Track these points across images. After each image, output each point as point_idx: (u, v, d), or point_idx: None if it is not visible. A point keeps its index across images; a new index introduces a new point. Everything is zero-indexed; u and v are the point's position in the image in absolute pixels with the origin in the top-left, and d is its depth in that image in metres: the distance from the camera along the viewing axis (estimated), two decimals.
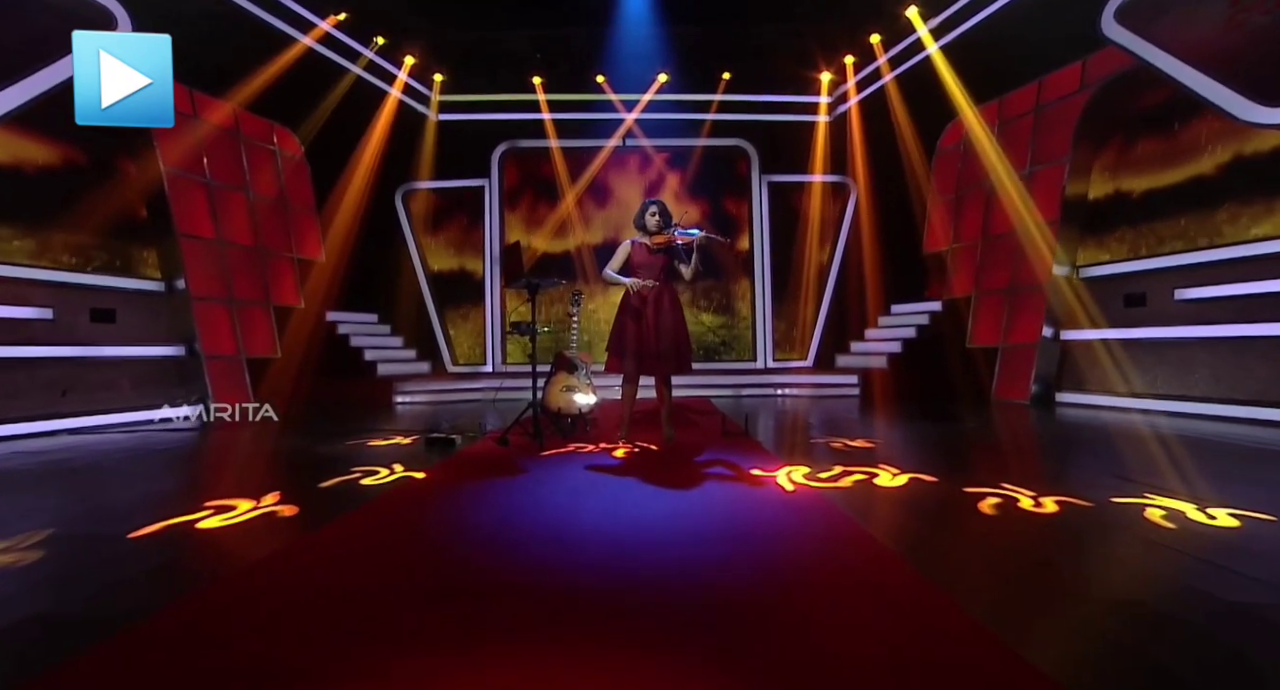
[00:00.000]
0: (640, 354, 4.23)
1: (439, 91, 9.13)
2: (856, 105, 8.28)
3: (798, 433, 4.99)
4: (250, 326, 6.96)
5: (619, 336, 4.27)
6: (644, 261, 4.30)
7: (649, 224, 4.33)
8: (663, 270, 4.33)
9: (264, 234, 7.23)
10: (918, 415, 5.91)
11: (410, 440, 4.70)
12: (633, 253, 4.34)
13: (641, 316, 4.24)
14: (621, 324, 4.28)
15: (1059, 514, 2.48)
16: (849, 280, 9.29)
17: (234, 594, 1.80)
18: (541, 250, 9.46)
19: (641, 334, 4.23)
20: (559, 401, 4.98)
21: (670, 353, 4.24)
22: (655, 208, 4.35)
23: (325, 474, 3.40)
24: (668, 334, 4.24)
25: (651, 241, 4.33)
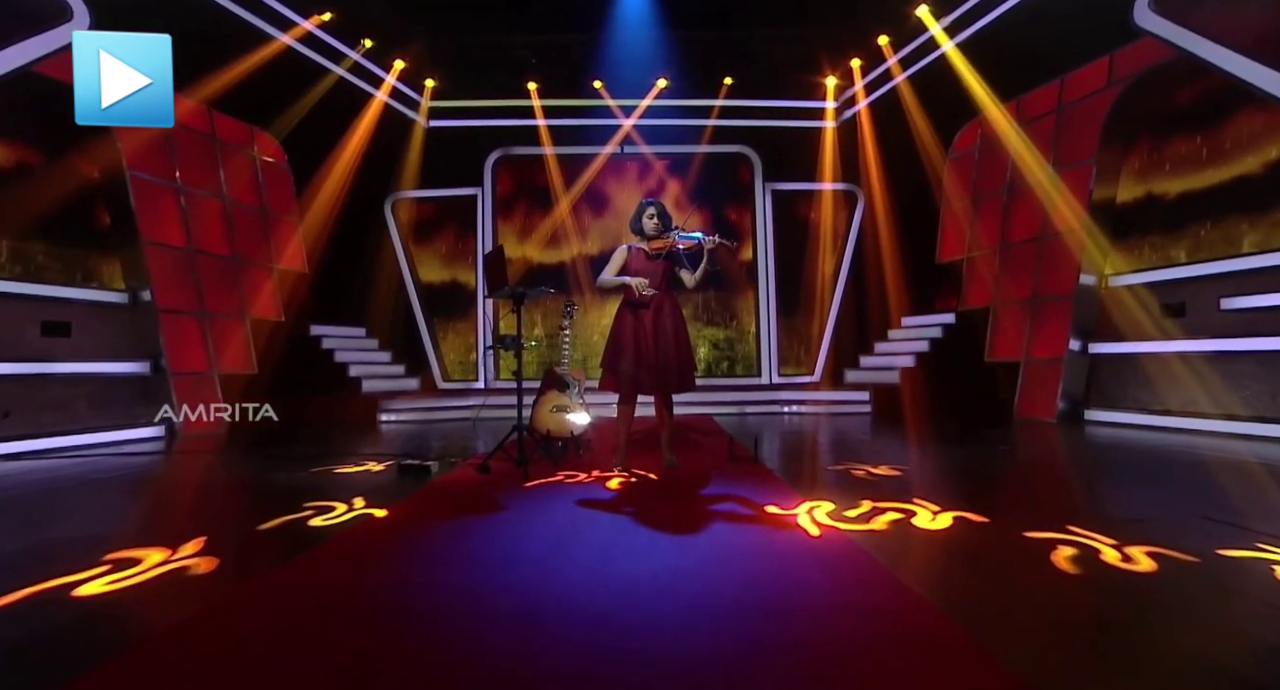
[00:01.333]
0: (638, 370, 3.74)
1: (430, 97, 8.73)
2: (866, 109, 7.86)
3: (813, 458, 4.48)
4: (224, 341, 6.48)
5: (615, 351, 3.79)
6: (642, 268, 3.83)
7: (647, 227, 3.86)
8: (663, 278, 3.85)
9: (241, 243, 6.78)
10: (940, 436, 5.39)
11: (384, 466, 4.19)
12: (630, 259, 3.87)
13: (640, 329, 3.76)
14: (618, 337, 3.80)
15: (1159, 573, 1.97)
16: (857, 292, 8.83)
17: None
18: (536, 261, 9.00)
19: (640, 348, 3.74)
20: (548, 423, 4.48)
21: (671, 369, 3.75)
22: (653, 209, 3.88)
23: (272, 511, 2.89)
24: (669, 348, 3.75)
25: (650, 247, 3.86)
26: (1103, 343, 5.79)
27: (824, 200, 9.02)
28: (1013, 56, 6.12)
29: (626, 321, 3.79)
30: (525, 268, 8.95)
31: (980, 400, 6.63)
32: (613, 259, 3.88)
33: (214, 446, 5.44)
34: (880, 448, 4.94)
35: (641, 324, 3.77)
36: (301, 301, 7.73)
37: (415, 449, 4.88)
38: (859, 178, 8.54)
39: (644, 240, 3.91)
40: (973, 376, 6.84)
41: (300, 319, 7.67)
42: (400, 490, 3.45)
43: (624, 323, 3.80)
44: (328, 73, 7.38)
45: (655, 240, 3.85)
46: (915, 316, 8.43)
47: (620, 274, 3.87)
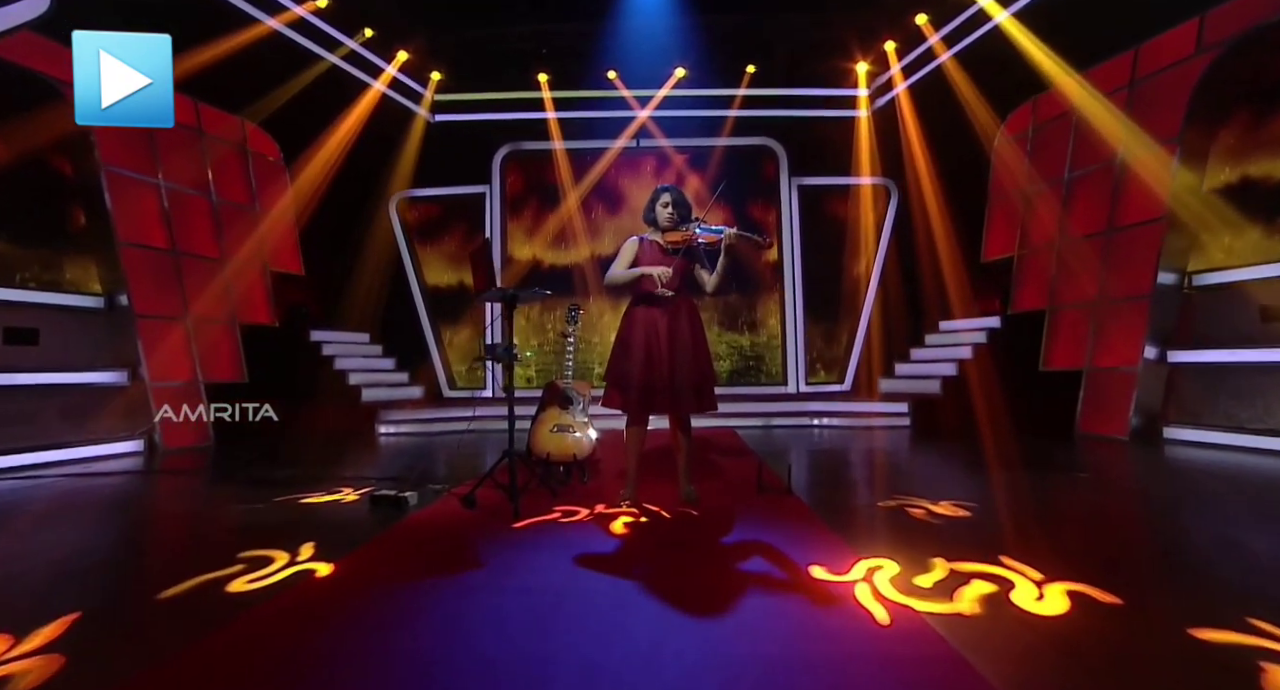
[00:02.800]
0: (651, 387, 3.10)
1: (436, 91, 8.19)
2: (905, 92, 7.09)
3: (856, 488, 3.78)
4: (211, 348, 5.98)
5: (622, 362, 3.16)
6: (655, 263, 3.20)
7: (661, 217, 3.23)
8: (680, 277, 3.21)
9: (231, 244, 6.27)
10: (998, 457, 4.65)
11: (360, 494, 3.60)
12: (641, 253, 3.24)
13: (653, 336, 3.12)
14: (627, 344, 3.17)
15: None
16: (891, 294, 8.07)
17: None
18: (547, 263, 8.40)
19: (653, 361, 3.10)
20: (548, 445, 3.85)
21: (689, 386, 3.11)
22: (669, 196, 3.25)
23: (193, 566, 2.30)
24: (686, 362, 3.11)
25: (665, 240, 3.22)
26: (1185, 350, 4.99)
27: (855, 195, 8.29)
28: (1076, 25, 5.34)
29: (638, 326, 3.16)
30: (534, 268, 8.36)
31: (1036, 414, 5.85)
32: (622, 252, 3.25)
33: (193, 464, 4.93)
34: (933, 473, 4.22)
35: (655, 330, 3.13)
36: (297, 306, 7.23)
37: (402, 470, 4.29)
38: (894, 170, 7.79)
39: (658, 232, 3.27)
40: (1026, 387, 6.05)
41: (297, 324, 7.17)
42: (365, 529, 2.85)
43: (634, 328, 3.17)
44: (326, 64, 6.87)
45: (672, 233, 3.21)
46: (955, 321, 7.65)
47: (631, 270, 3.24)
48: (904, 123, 6.95)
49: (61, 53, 5.02)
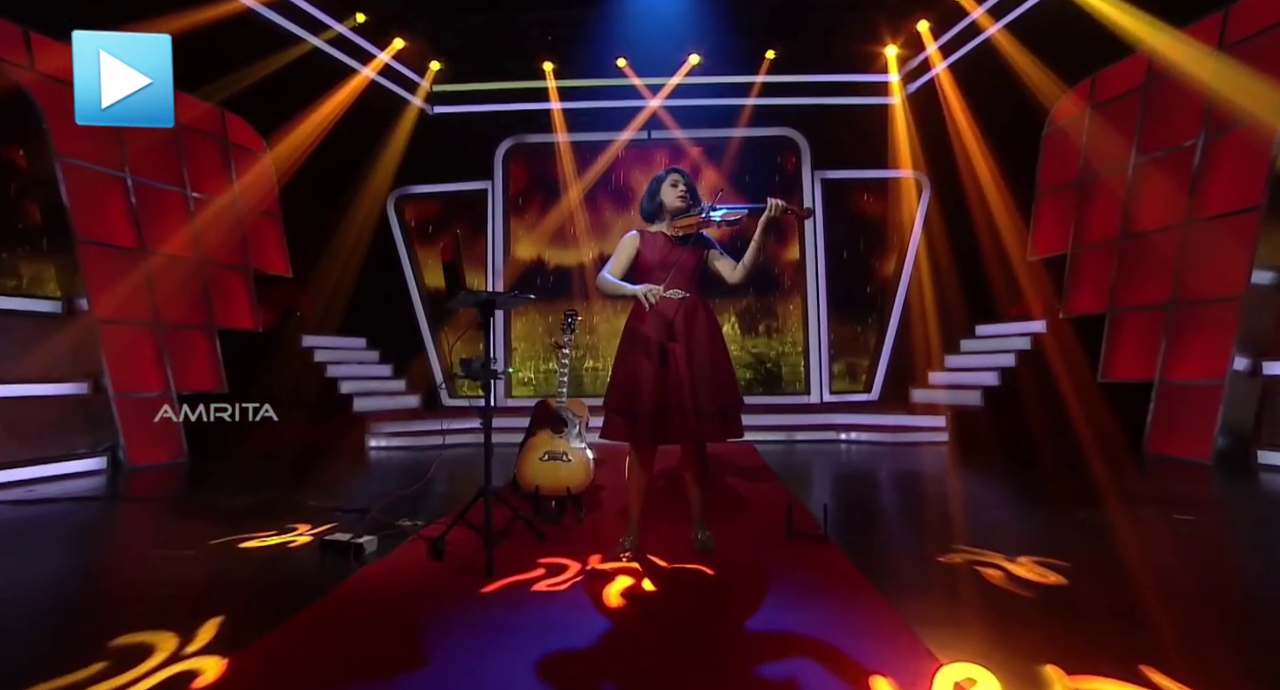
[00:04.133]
0: (663, 412, 2.47)
1: (435, 81, 7.62)
2: (945, 73, 6.32)
3: (907, 533, 3.10)
4: (186, 356, 5.45)
5: (625, 383, 2.53)
6: (661, 260, 2.58)
7: (669, 199, 2.61)
8: (693, 274, 2.58)
9: (209, 243, 5.74)
10: (1064, 485, 3.93)
11: (317, 533, 3.01)
12: (643, 248, 2.61)
13: (662, 350, 2.49)
14: (630, 362, 2.54)
15: None
16: (923, 296, 7.34)
17: None
18: (553, 263, 7.79)
19: (664, 378, 2.47)
20: (537, 476, 3.23)
21: (710, 408, 2.48)
22: (678, 177, 2.62)
23: (46, 663, 1.70)
24: (705, 378, 2.48)
25: (673, 228, 2.60)
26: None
27: (885, 189, 7.58)
28: None
29: (644, 336, 2.53)
30: (538, 268, 7.76)
31: (1095, 431, 5.11)
32: (618, 250, 2.63)
33: (152, 487, 4.38)
34: (992, 509, 3.52)
35: (665, 340, 2.50)
36: (290, 309, 6.70)
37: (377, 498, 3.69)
38: (928, 161, 7.05)
39: (664, 221, 2.64)
40: (1082, 400, 5.30)
41: (285, 329, 6.63)
42: (303, 589, 2.24)
43: (639, 338, 2.54)
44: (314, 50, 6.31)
45: (681, 219, 2.58)
46: (994, 325, 6.91)
47: (631, 271, 2.61)
48: (947, 105, 6.20)
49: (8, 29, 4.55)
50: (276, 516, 3.33)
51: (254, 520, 3.27)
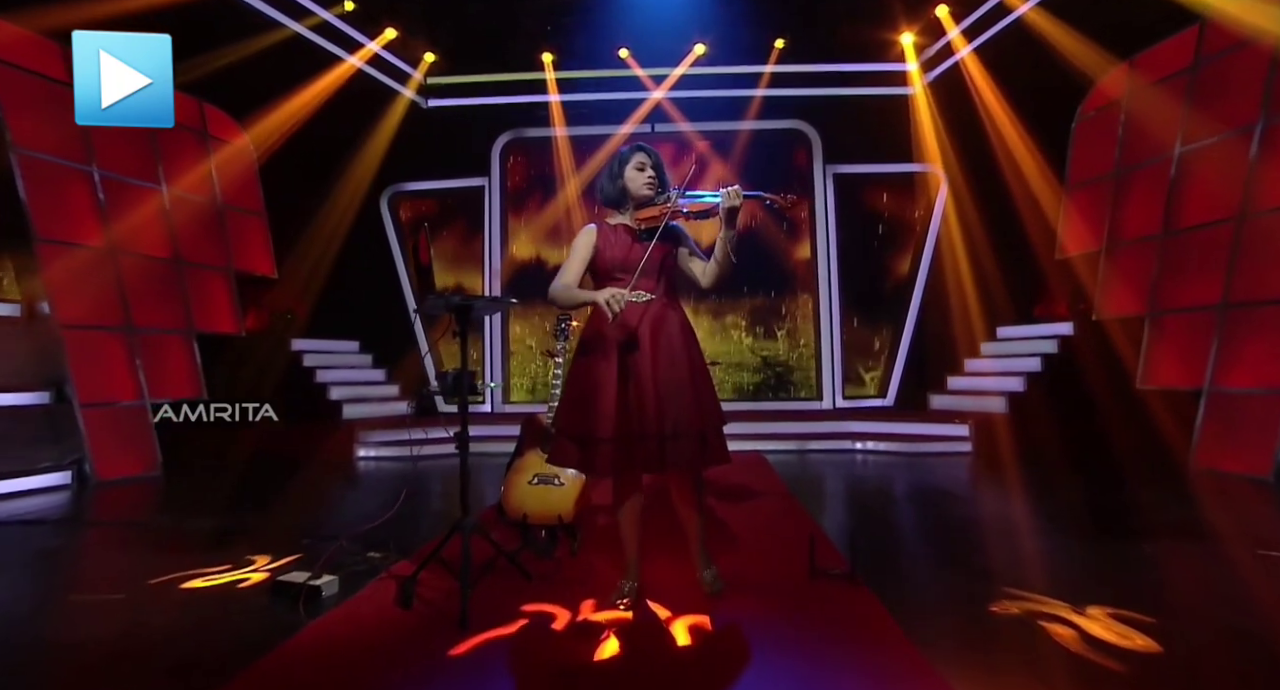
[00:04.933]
0: (623, 437, 2.05)
1: (428, 74, 7.24)
2: (970, 57, 5.86)
3: (944, 567, 2.68)
4: (161, 363, 5.08)
5: (580, 402, 2.11)
6: (622, 258, 2.17)
7: (635, 184, 2.19)
8: (660, 273, 2.18)
9: (186, 242, 5.38)
10: (1114, 506, 3.52)
11: (272, 569, 2.62)
12: (601, 245, 2.19)
13: (625, 364, 2.09)
14: (585, 379, 2.12)
15: None
16: (940, 296, 6.92)
17: None
18: (552, 262, 7.40)
19: (624, 398, 2.06)
20: (525, 502, 2.83)
21: (686, 430, 2.06)
22: (644, 157, 2.20)
23: None
24: (677, 396, 2.06)
25: (638, 218, 2.19)
26: None
27: (900, 184, 7.16)
28: None
29: (600, 350, 2.12)
30: (537, 268, 7.38)
31: (1133, 442, 4.68)
32: (572, 250, 2.22)
33: (113, 505, 4.01)
34: (1040, 536, 3.10)
35: (630, 351, 2.09)
36: (281, 312, 6.33)
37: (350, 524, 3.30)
38: (945, 154, 6.62)
39: (626, 211, 2.23)
40: (1118, 409, 4.88)
41: (271, 333, 6.27)
42: (236, 647, 1.85)
43: (595, 352, 2.13)
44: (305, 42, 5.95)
45: (646, 209, 2.17)
46: (1016, 326, 6.49)
47: (589, 273, 2.21)
48: (976, 90, 5.74)
49: None
50: (237, 544, 2.96)
51: (211, 549, 2.91)
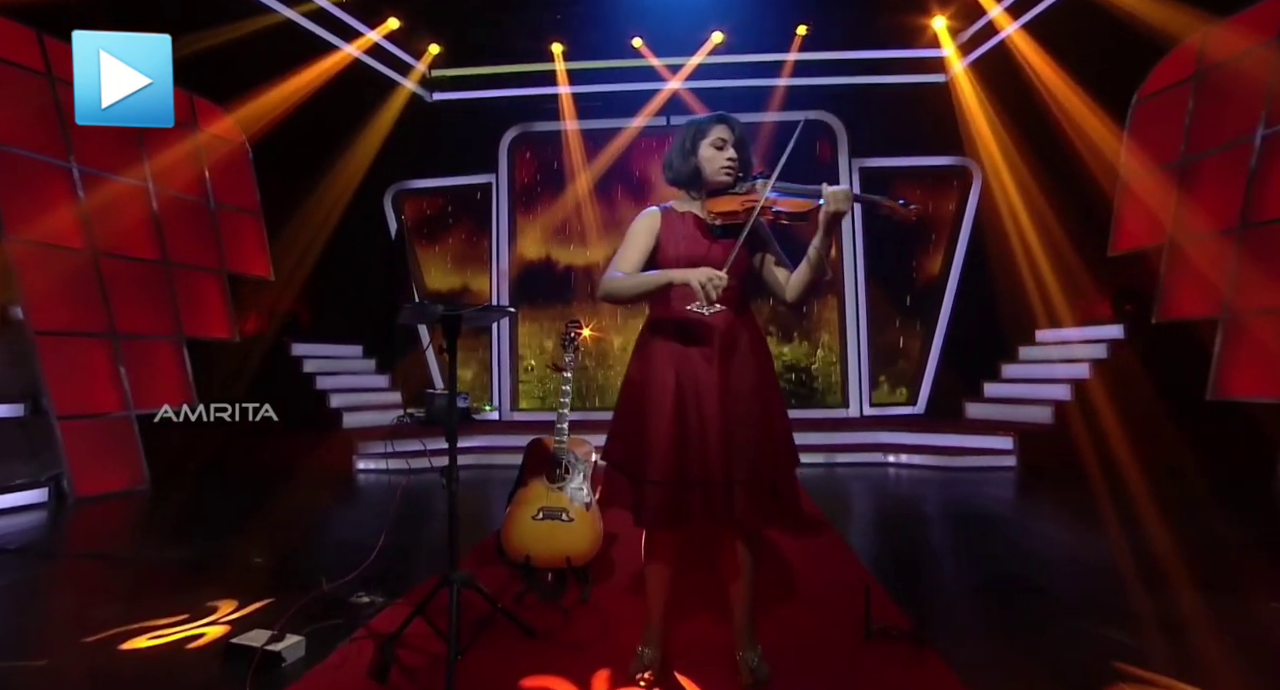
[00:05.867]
0: (681, 481, 1.62)
1: (433, 66, 6.85)
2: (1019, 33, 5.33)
3: (1025, 626, 2.20)
4: (147, 371, 4.73)
5: (634, 433, 1.69)
6: (689, 254, 1.71)
7: (709, 169, 1.74)
8: (740, 280, 1.73)
9: (176, 243, 5.03)
10: (1212, 544, 3.02)
11: (233, 621, 2.23)
12: (665, 235, 1.74)
13: (691, 388, 1.66)
14: (642, 401, 1.69)
15: None
16: (974, 297, 6.43)
17: None
18: (562, 262, 6.99)
19: (685, 434, 1.63)
20: (530, 541, 2.41)
21: (757, 475, 1.63)
22: (725, 130, 1.75)
23: None
24: (748, 435, 1.63)
25: (711, 210, 1.75)
26: None
27: (932, 178, 6.67)
28: None
29: (663, 368, 1.68)
30: (546, 268, 6.96)
31: (1206, 459, 4.17)
32: (628, 238, 1.78)
33: (86, 529, 3.66)
34: (1144, 591, 2.61)
35: (694, 376, 1.66)
36: (265, 316, 5.98)
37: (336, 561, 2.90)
38: (984, 144, 6.11)
39: (697, 197, 1.80)
40: (1185, 423, 4.37)
41: (267, 338, 5.91)
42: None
43: (657, 370, 1.69)
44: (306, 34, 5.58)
45: (723, 197, 1.74)
46: (1057, 330, 5.99)
47: (651, 264, 1.77)
48: (1029, 68, 5.20)
49: None
50: (204, 584, 2.57)
51: (172, 590, 2.52)
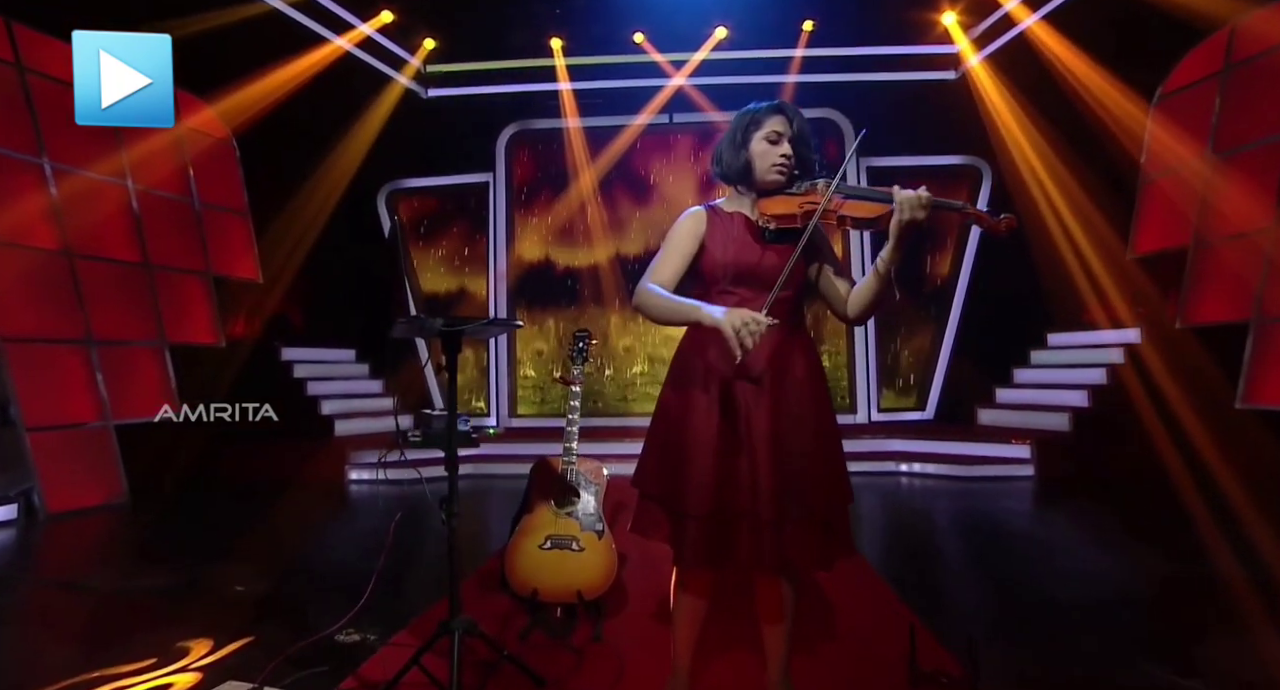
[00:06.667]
0: (724, 515, 1.39)
1: (428, 61, 6.58)
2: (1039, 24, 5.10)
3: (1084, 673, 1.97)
4: (127, 378, 4.46)
5: (672, 460, 1.44)
6: (739, 263, 1.48)
7: (761, 166, 1.51)
8: (795, 292, 1.49)
9: (158, 244, 4.75)
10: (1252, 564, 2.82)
11: (206, 666, 1.97)
12: (709, 237, 1.50)
13: (735, 411, 1.41)
14: (681, 424, 1.45)
15: None
16: (985, 298, 6.23)
17: None
18: (561, 263, 6.74)
19: (734, 462, 1.39)
20: (535, 571, 2.17)
21: (809, 514, 1.39)
22: (781, 124, 1.52)
23: None
24: (799, 462, 1.39)
25: (763, 212, 1.49)
26: None
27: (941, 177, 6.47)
28: None
29: (702, 393, 1.45)
30: (545, 271, 6.72)
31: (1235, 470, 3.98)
32: (668, 241, 1.53)
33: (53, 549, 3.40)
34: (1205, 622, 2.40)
35: (739, 398, 1.43)
36: (254, 320, 5.70)
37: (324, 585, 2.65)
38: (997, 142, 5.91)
39: (745, 195, 1.57)
40: (1215, 431, 4.17)
41: (256, 342, 5.63)
42: None
43: (695, 395, 1.45)
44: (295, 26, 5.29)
45: (777, 198, 1.50)
46: (1070, 334, 5.82)
47: (694, 278, 1.54)
48: (1054, 59, 4.97)
49: None
50: (177, 620, 2.31)
51: (141, 628, 2.26)
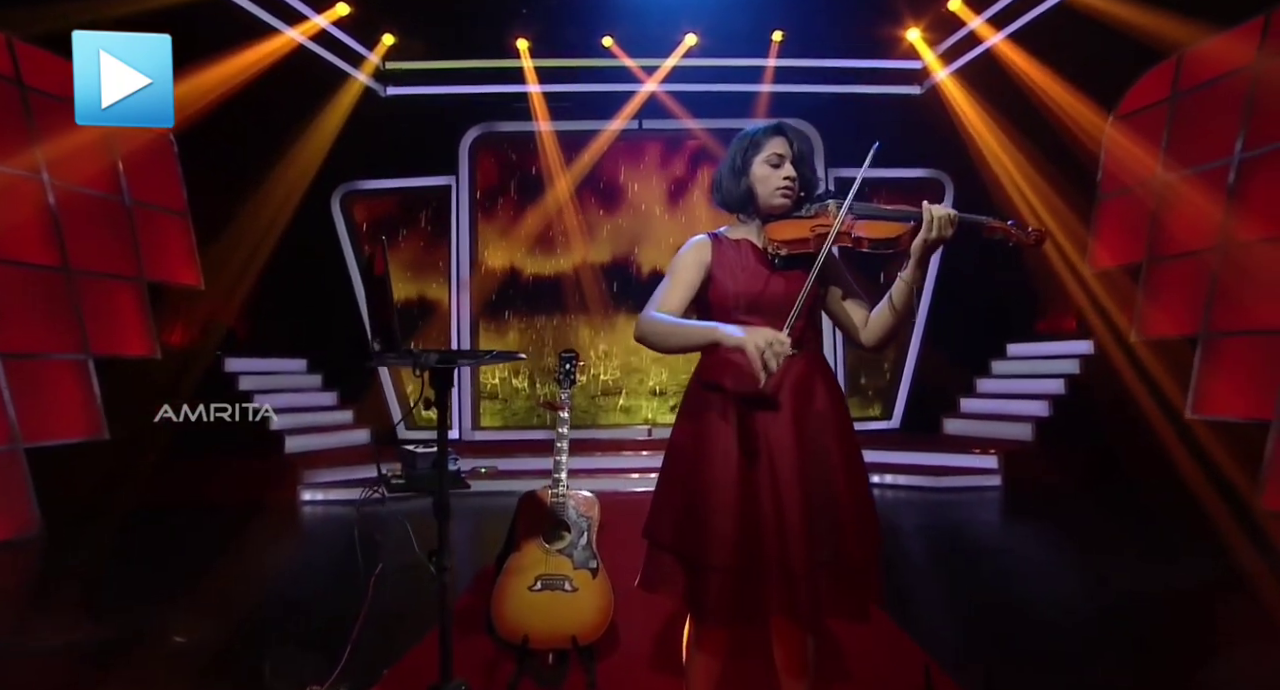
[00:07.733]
0: (748, 564, 1.24)
1: (387, 58, 6.23)
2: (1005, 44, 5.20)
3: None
4: (42, 396, 3.98)
5: (690, 506, 1.29)
6: (749, 292, 1.34)
7: (764, 190, 1.37)
8: (813, 315, 1.37)
9: (80, 247, 4.28)
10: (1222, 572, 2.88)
11: None
12: (715, 266, 1.36)
13: (754, 449, 1.27)
14: (697, 472, 1.29)
15: None
16: (949, 310, 6.34)
17: None
18: (529, 272, 6.51)
19: (757, 507, 1.24)
20: (525, 617, 1.97)
21: (843, 558, 1.26)
22: (781, 145, 1.37)
23: None
24: (828, 502, 1.26)
25: (770, 238, 1.37)
26: None
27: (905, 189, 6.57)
28: None
29: (723, 425, 1.30)
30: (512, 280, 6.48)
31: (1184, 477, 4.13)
32: (673, 270, 1.38)
33: None
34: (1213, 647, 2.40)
35: (760, 434, 1.29)
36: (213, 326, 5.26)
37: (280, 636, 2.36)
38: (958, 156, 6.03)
39: (749, 222, 1.43)
40: (1165, 441, 4.32)
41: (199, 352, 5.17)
42: None
43: (715, 428, 1.30)
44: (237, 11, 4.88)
45: (786, 222, 1.37)
46: (1028, 344, 6.00)
47: (703, 303, 1.40)
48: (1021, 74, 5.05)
49: None
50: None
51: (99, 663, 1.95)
